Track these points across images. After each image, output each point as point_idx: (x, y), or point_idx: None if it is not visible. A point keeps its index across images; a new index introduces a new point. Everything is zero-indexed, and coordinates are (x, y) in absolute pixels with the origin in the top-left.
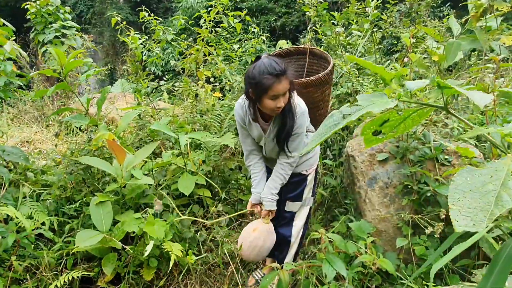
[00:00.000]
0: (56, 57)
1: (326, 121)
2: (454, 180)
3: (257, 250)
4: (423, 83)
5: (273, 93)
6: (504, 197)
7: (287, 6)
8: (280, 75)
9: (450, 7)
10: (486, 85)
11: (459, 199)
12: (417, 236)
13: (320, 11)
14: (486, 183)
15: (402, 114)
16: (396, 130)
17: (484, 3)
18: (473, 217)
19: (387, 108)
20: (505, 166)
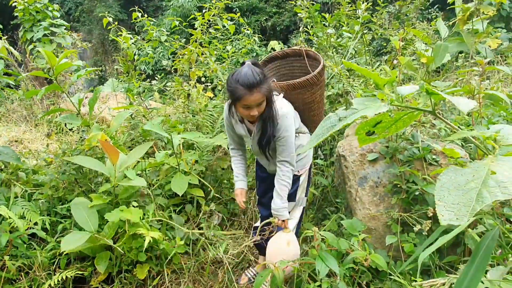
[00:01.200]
0: (47, 58)
1: (323, 123)
2: (440, 178)
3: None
4: (413, 89)
5: (244, 103)
6: (484, 194)
7: (277, 6)
8: (252, 87)
9: (438, 9)
10: (472, 88)
11: (444, 196)
12: (406, 234)
13: (312, 13)
14: (469, 182)
15: (393, 117)
16: (388, 130)
17: (471, 6)
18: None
19: (380, 112)
20: (485, 166)
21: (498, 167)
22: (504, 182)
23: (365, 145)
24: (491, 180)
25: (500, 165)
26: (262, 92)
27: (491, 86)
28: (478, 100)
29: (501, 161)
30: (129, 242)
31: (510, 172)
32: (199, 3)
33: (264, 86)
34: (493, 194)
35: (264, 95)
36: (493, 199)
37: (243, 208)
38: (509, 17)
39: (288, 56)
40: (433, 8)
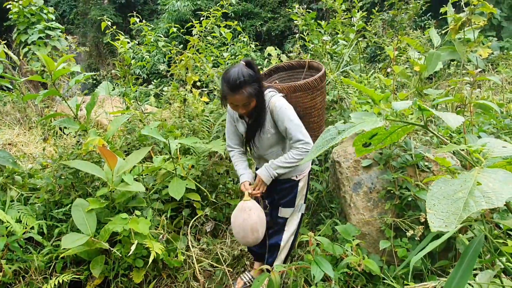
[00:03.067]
0: (45, 63)
1: (324, 135)
2: (431, 188)
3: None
4: (407, 105)
5: (229, 101)
6: (470, 203)
7: (272, 11)
8: (235, 88)
9: (431, 17)
10: (464, 97)
11: (434, 204)
12: (399, 239)
13: (308, 20)
14: (457, 192)
15: (388, 130)
16: (384, 142)
17: (463, 16)
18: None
19: (376, 127)
20: (472, 177)
21: (483, 179)
22: (488, 192)
23: (362, 155)
24: (477, 191)
25: (486, 177)
26: (245, 94)
27: (482, 94)
28: (469, 109)
29: (487, 172)
30: (127, 247)
31: (494, 183)
32: (195, 7)
33: (249, 88)
34: (478, 204)
35: (249, 96)
36: (478, 208)
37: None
38: (500, 26)
39: (293, 67)
40: (426, 16)
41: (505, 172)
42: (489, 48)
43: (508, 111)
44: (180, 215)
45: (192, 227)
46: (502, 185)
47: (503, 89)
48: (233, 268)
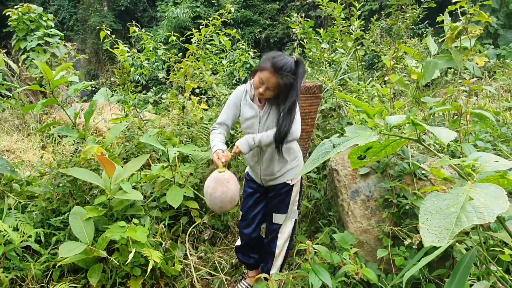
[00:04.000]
0: (43, 72)
1: (319, 148)
2: (424, 203)
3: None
4: (401, 119)
5: (261, 75)
6: (462, 218)
7: (271, 18)
8: (276, 70)
9: (428, 24)
10: (460, 106)
11: (427, 219)
12: (396, 247)
13: (306, 29)
14: (449, 206)
15: (383, 143)
16: (378, 155)
17: (459, 25)
18: (438, 234)
19: (370, 141)
20: (464, 192)
21: (475, 194)
22: (479, 208)
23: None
24: (468, 206)
25: (477, 192)
26: (280, 80)
27: (478, 102)
28: (465, 118)
29: (479, 187)
30: (125, 255)
31: (485, 198)
32: (194, 14)
33: (286, 80)
34: (470, 219)
35: (281, 86)
36: (470, 223)
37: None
38: (496, 33)
39: None
40: (424, 24)
41: (497, 187)
42: (486, 57)
43: (504, 119)
44: (178, 223)
45: (190, 235)
46: (493, 201)
47: (500, 97)
48: (231, 277)
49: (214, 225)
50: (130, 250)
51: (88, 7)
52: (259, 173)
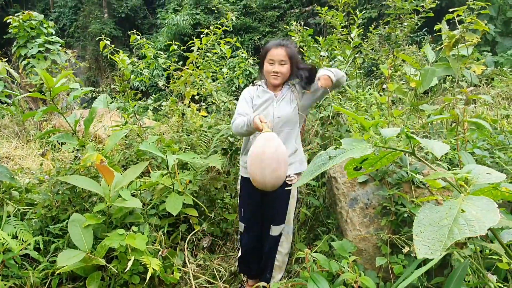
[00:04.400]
0: (44, 80)
1: (316, 160)
2: (418, 215)
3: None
4: (395, 132)
5: (270, 57)
6: (455, 231)
7: (271, 25)
8: (279, 44)
9: (426, 32)
10: (457, 115)
11: (421, 231)
12: (395, 255)
13: (305, 37)
14: (442, 219)
15: (378, 155)
16: (374, 166)
17: (456, 34)
18: (431, 246)
19: (365, 154)
20: (457, 205)
21: (467, 206)
22: (471, 220)
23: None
24: (461, 218)
25: (470, 204)
26: (287, 52)
27: (476, 110)
28: (463, 126)
29: (471, 200)
30: (124, 263)
31: (477, 211)
32: (194, 21)
33: (291, 50)
34: (462, 231)
35: (288, 55)
36: (462, 236)
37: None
38: (494, 41)
39: None
40: (422, 31)
41: (488, 200)
42: (484, 65)
43: (502, 127)
44: (177, 231)
45: (189, 243)
46: (485, 213)
47: (497, 105)
48: (230, 285)
49: (213, 233)
50: (129, 258)
51: (88, 14)
52: None
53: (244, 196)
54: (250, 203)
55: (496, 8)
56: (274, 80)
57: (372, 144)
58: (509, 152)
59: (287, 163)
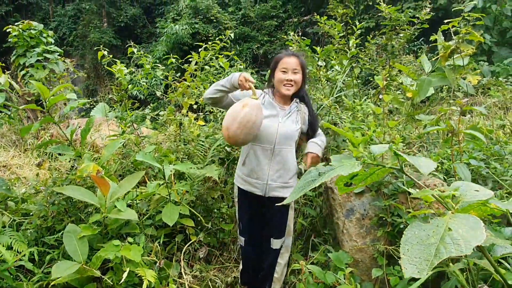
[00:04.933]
0: (40, 91)
1: (305, 176)
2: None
3: (249, 126)
4: (384, 149)
5: (283, 66)
6: (441, 249)
7: (269, 34)
8: (291, 54)
9: (423, 42)
10: (452, 126)
11: (408, 249)
12: (391, 267)
13: (302, 47)
14: (429, 237)
15: (368, 171)
16: (364, 182)
17: (452, 44)
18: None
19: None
20: (444, 223)
21: (454, 224)
22: (457, 239)
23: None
24: (448, 237)
25: (456, 223)
26: (299, 60)
27: (472, 119)
28: (458, 137)
29: (458, 218)
30: (119, 275)
31: (464, 230)
32: (193, 30)
33: (303, 60)
34: (448, 250)
35: (301, 65)
36: (448, 255)
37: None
38: (490, 50)
39: None
40: (419, 41)
41: (475, 219)
42: (478, 75)
43: (497, 137)
44: (173, 241)
45: (185, 253)
46: (471, 232)
47: (493, 115)
48: None
49: (210, 243)
50: (124, 269)
51: (88, 23)
52: (267, 175)
53: (243, 208)
54: (250, 216)
55: (492, 18)
56: (287, 91)
57: (361, 161)
58: (505, 163)
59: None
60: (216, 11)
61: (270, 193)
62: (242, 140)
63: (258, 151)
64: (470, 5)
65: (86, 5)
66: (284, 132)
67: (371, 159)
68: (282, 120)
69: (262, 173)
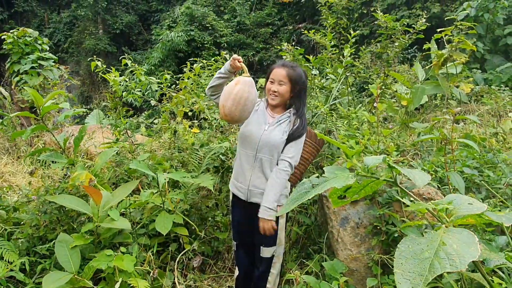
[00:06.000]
0: (33, 98)
1: (298, 188)
2: (399, 247)
3: (242, 103)
4: (378, 161)
5: (271, 76)
6: (435, 264)
7: (264, 42)
8: (283, 65)
9: (416, 49)
10: (445, 134)
11: (402, 263)
12: (386, 276)
13: (296, 56)
14: (424, 251)
15: (361, 183)
16: (358, 195)
17: (445, 53)
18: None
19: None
20: (438, 237)
21: (448, 239)
22: (452, 254)
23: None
24: (441, 252)
25: (450, 237)
26: (288, 73)
27: (466, 127)
28: (451, 145)
29: (452, 232)
30: (111, 285)
31: (458, 244)
32: (188, 38)
33: (293, 73)
34: (443, 266)
35: (288, 77)
36: (442, 271)
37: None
38: (483, 58)
39: None
40: (413, 49)
41: (469, 233)
42: (471, 83)
43: (490, 145)
44: (167, 250)
45: (179, 263)
46: (465, 248)
47: (486, 122)
48: None
49: (204, 252)
50: (116, 280)
51: (83, 30)
52: (249, 181)
53: (233, 212)
54: (238, 220)
55: (484, 27)
56: (272, 100)
57: (355, 173)
58: (498, 171)
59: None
60: (211, 19)
61: (252, 198)
62: (238, 117)
63: (243, 156)
64: (463, 13)
65: (81, 12)
66: (266, 140)
67: (365, 171)
68: (268, 129)
69: (244, 178)
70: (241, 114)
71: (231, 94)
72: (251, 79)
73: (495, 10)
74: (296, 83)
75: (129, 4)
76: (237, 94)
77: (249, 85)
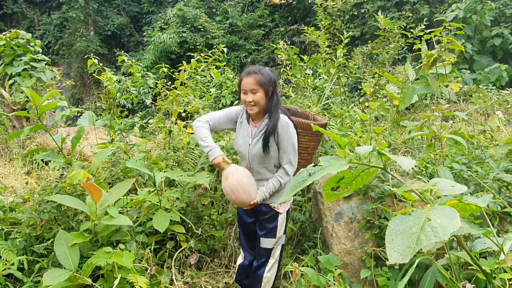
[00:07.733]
0: (30, 98)
1: (297, 177)
2: (389, 225)
3: (240, 189)
4: (368, 149)
5: (242, 87)
6: (422, 237)
7: (256, 43)
8: (249, 73)
9: (407, 50)
10: (434, 131)
11: (392, 239)
12: (379, 268)
13: (291, 55)
14: (411, 227)
15: (354, 173)
16: (350, 186)
17: (434, 53)
18: (402, 252)
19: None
20: (424, 214)
21: (433, 215)
22: (436, 227)
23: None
24: (427, 226)
25: (435, 214)
26: (256, 79)
27: (455, 125)
28: (441, 142)
29: (436, 210)
30: (110, 282)
31: (441, 219)
32: (180, 39)
33: (261, 77)
34: (428, 238)
35: (259, 83)
36: (428, 242)
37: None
38: (472, 59)
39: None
40: (403, 50)
41: (451, 209)
42: (460, 83)
43: (478, 142)
44: (164, 248)
45: (176, 260)
46: (448, 221)
47: (475, 121)
48: None
49: (200, 249)
50: (115, 276)
51: (74, 32)
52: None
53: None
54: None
55: (472, 28)
56: (251, 110)
57: (347, 160)
58: (486, 166)
59: (251, 186)
60: (203, 20)
61: None
62: (246, 196)
63: (242, 164)
64: (451, 15)
65: (72, 14)
66: (254, 153)
67: (357, 159)
68: (253, 142)
69: None
70: (245, 193)
71: (228, 190)
72: (232, 168)
73: (483, 12)
74: (268, 86)
75: (121, 6)
76: (231, 188)
77: (235, 173)
